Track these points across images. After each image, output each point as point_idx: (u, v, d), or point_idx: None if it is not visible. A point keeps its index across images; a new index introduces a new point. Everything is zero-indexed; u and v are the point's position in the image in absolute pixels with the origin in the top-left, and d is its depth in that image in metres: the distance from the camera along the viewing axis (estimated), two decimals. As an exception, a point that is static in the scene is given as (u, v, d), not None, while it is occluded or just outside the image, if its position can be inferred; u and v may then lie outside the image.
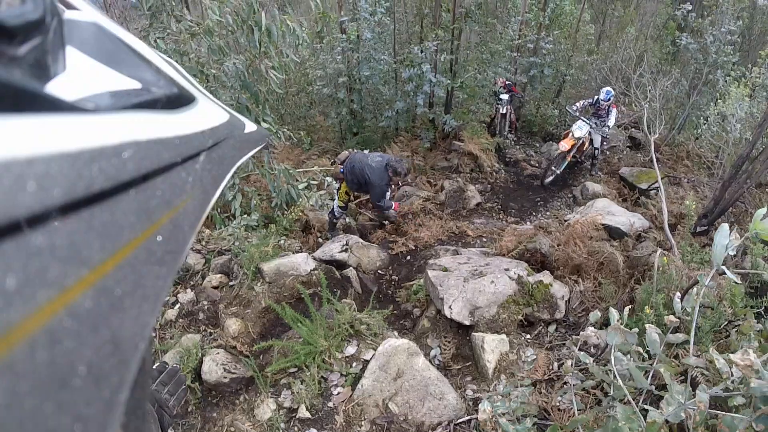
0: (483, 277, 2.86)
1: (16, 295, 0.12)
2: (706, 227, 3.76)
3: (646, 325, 1.25)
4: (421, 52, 5.46)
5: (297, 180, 4.14)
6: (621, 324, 1.27)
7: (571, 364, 1.56)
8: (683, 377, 1.52)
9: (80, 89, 0.22)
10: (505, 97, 6.61)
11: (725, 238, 1.07)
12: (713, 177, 5.22)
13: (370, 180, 3.72)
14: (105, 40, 0.28)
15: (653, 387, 1.28)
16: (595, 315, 1.48)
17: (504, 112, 6.72)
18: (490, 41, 6.88)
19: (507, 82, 6.68)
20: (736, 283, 1.32)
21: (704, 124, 5.70)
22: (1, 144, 0.13)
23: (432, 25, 6.04)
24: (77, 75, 0.23)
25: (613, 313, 1.31)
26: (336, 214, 4.15)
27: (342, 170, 3.91)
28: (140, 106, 0.25)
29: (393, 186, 3.83)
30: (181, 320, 2.92)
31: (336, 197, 4.08)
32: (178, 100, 0.31)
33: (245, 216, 3.79)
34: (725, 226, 1.10)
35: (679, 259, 2.85)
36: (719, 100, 5.43)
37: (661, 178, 4.14)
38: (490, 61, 6.68)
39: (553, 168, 5.67)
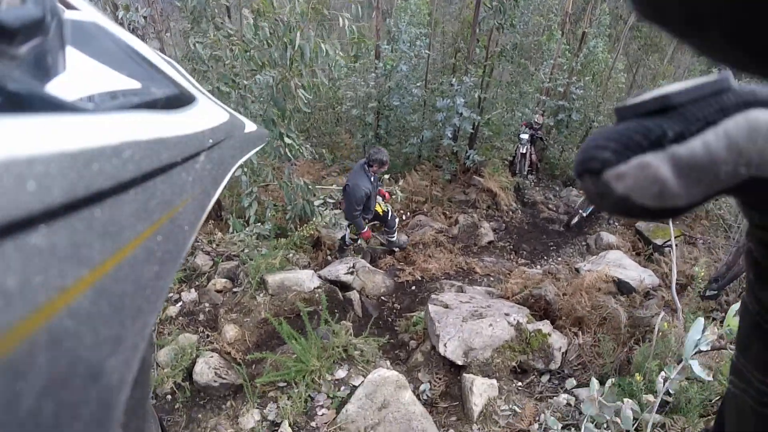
0: (482, 318, 2.87)
1: (16, 295, 0.12)
2: (715, 291, 3.72)
3: (624, 400, 1.26)
4: (458, 84, 5.50)
5: (314, 196, 4.18)
6: (598, 396, 1.28)
7: (538, 428, 1.55)
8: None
9: (80, 89, 0.22)
10: (525, 136, 6.63)
11: (698, 333, 1.06)
12: (730, 240, 5.18)
13: (347, 186, 3.60)
14: (105, 40, 0.28)
15: None
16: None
17: (524, 151, 6.72)
18: (521, 81, 6.96)
19: (536, 123, 6.70)
20: (700, 379, 1.30)
21: None
22: (1, 144, 0.13)
23: (465, 60, 6.12)
24: (77, 75, 0.23)
25: (594, 384, 1.33)
26: (346, 241, 4.10)
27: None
28: (140, 106, 0.25)
29: (376, 181, 3.72)
30: (181, 318, 2.96)
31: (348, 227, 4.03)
32: (178, 100, 0.31)
33: (258, 224, 3.83)
34: (700, 320, 1.08)
35: (682, 324, 2.86)
36: None
37: (677, 236, 4.08)
38: (519, 101, 6.75)
39: (580, 211, 5.71)
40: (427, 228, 4.92)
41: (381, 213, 4.05)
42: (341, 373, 2.55)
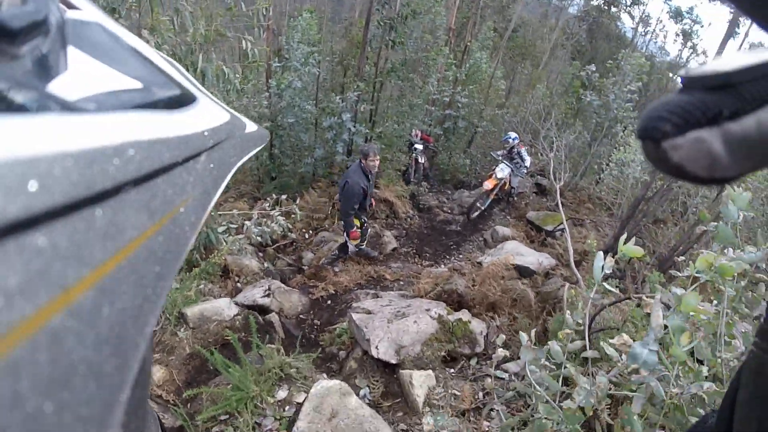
0: (406, 317, 2.99)
1: (18, 295, 0.12)
2: None
3: (550, 342, 1.47)
4: (342, 101, 5.68)
5: (216, 223, 4.10)
6: (530, 343, 1.50)
7: (492, 383, 1.76)
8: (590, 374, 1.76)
9: (82, 89, 0.22)
10: (419, 146, 7.04)
11: (600, 260, 1.38)
12: (613, 217, 5.77)
13: (346, 183, 3.65)
14: (106, 39, 0.28)
15: (565, 388, 1.50)
16: (501, 338, 1.73)
17: (421, 160, 7.16)
18: (409, 95, 7.32)
19: (421, 133, 7.14)
20: (609, 290, 1.52)
21: (605, 170, 6.37)
22: (2, 144, 0.13)
23: (355, 77, 6.29)
24: (79, 75, 0.23)
25: (523, 336, 1.54)
26: (349, 251, 4.15)
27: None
28: (141, 106, 0.25)
29: (372, 179, 3.86)
30: (98, 363, 2.89)
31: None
32: (180, 100, 0.31)
33: (163, 258, 3.76)
34: (600, 253, 1.39)
35: (585, 290, 3.13)
36: (620, 149, 6.11)
37: (566, 220, 4.55)
38: (409, 113, 7.12)
39: (477, 204, 6.09)
40: (331, 243, 4.97)
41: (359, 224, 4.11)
42: (282, 394, 2.51)
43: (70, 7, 0.27)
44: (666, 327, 1.10)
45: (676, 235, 4.20)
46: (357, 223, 4.01)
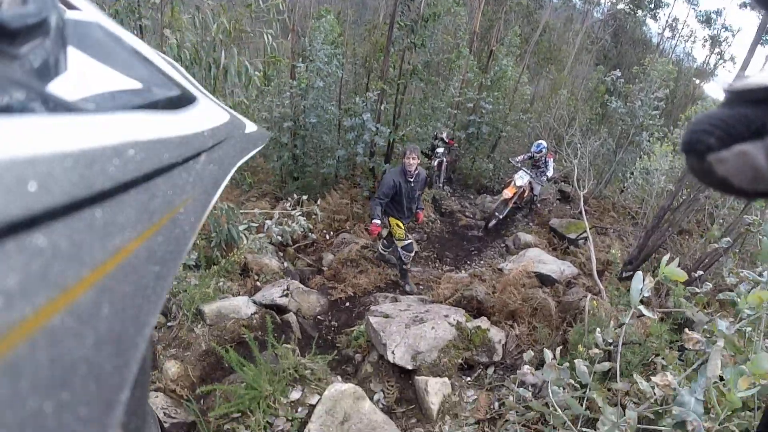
0: (424, 323, 2.98)
1: (17, 295, 0.12)
2: (631, 272, 3.97)
3: (575, 360, 1.41)
4: (363, 102, 5.69)
5: (238, 220, 4.08)
6: (555, 362, 1.43)
7: (513, 400, 1.72)
8: (615, 403, 1.70)
9: (81, 89, 0.22)
10: (441, 149, 6.92)
11: (639, 282, 1.31)
12: (637, 226, 5.71)
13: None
14: (106, 40, 0.29)
15: (588, 412, 1.43)
16: (529, 354, 1.67)
17: (437, 163, 7.07)
18: (432, 97, 7.28)
19: (444, 137, 7.09)
20: (651, 318, 1.46)
21: (630, 178, 6.23)
22: (2, 144, 0.13)
23: (378, 79, 6.30)
24: (78, 75, 0.23)
25: (548, 353, 1.47)
26: (404, 260, 4.18)
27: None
28: (141, 106, 0.25)
29: (417, 182, 3.98)
30: (116, 357, 2.90)
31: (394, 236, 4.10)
32: (179, 100, 0.31)
33: (183, 254, 3.73)
34: (639, 273, 1.33)
35: (607, 302, 3.11)
36: (644, 156, 5.98)
37: (589, 229, 4.51)
38: (431, 116, 7.08)
39: (496, 213, 6.01)
40: (352, 245, 4.95)
41: (397, 235, 4.08)
42: (295, 395, 2.50)
43: (70, 7, 0.27)
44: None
45: (701, 247, 4.12)
46: (398, 224, 4.06)
